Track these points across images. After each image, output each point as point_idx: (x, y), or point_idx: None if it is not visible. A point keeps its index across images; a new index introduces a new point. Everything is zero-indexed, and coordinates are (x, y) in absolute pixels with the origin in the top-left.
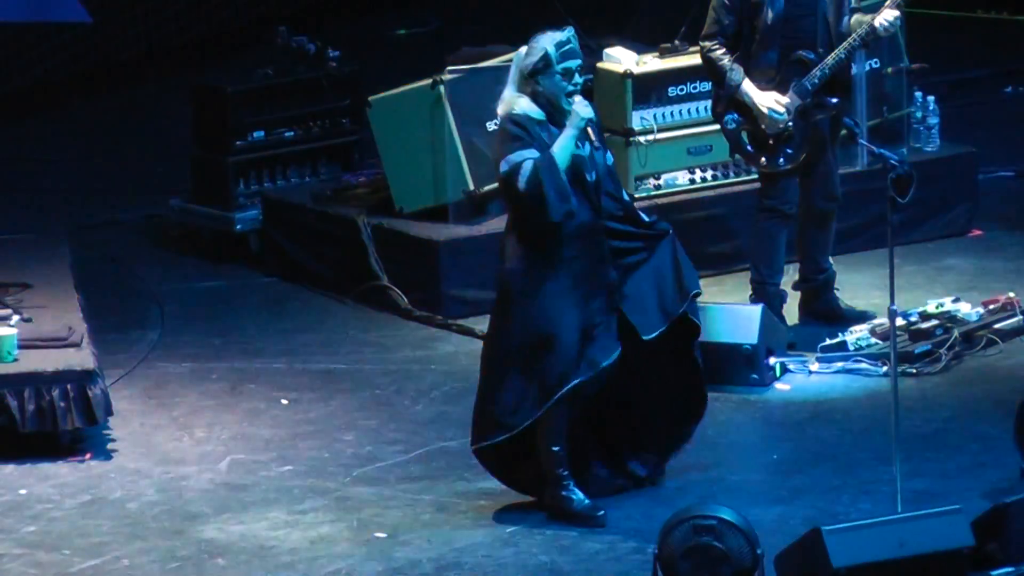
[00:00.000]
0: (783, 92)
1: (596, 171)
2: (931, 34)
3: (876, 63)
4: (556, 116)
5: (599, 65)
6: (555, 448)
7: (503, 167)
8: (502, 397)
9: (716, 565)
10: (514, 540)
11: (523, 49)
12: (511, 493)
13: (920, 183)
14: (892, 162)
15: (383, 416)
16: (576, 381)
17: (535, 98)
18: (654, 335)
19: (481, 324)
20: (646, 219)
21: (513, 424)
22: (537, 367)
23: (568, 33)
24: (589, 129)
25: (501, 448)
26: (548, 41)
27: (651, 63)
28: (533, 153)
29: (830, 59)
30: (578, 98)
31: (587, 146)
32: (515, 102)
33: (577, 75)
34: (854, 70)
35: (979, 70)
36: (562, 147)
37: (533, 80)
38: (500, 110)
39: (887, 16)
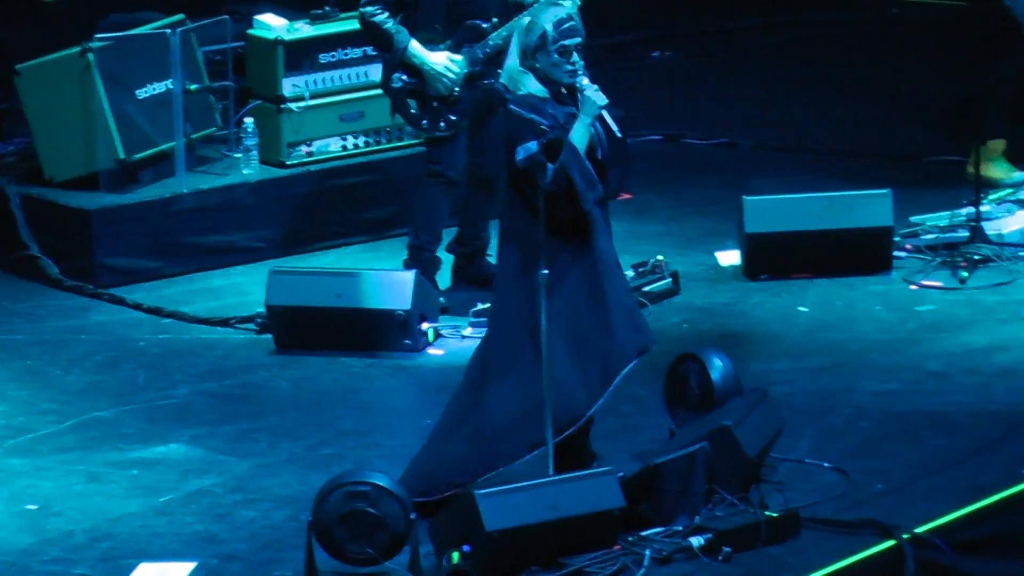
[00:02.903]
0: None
1: (602, 148)
2: None
3: None
4: (559, 94)
5: (250, 32)
6: None
7: (520, 154)
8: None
9: (371, 531)
10: (168, 509)
11: (525, 21)
12: (165, 462)
13: None
14: (542, 127)
15: (35, 386)
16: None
17: (536, 74)
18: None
19: (134, 293)
20: None
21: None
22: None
23: (570, 9)
24: (604, 114)
25: None
26: (548, 19)
27: (302, 29)
28: None
29: (503, 29)
30: (586, 81)
31: (596, 124)
32: (520, 81)
33: (576, 53)
34: None
35: (627, 35)
36: (579, 136)
37: (532, 58)
38: (505, 83)
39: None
